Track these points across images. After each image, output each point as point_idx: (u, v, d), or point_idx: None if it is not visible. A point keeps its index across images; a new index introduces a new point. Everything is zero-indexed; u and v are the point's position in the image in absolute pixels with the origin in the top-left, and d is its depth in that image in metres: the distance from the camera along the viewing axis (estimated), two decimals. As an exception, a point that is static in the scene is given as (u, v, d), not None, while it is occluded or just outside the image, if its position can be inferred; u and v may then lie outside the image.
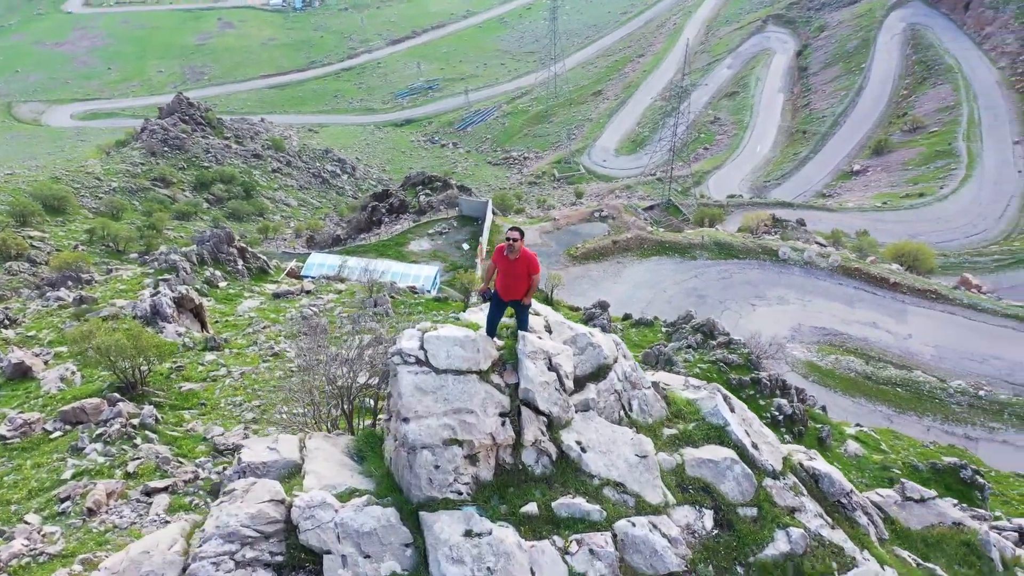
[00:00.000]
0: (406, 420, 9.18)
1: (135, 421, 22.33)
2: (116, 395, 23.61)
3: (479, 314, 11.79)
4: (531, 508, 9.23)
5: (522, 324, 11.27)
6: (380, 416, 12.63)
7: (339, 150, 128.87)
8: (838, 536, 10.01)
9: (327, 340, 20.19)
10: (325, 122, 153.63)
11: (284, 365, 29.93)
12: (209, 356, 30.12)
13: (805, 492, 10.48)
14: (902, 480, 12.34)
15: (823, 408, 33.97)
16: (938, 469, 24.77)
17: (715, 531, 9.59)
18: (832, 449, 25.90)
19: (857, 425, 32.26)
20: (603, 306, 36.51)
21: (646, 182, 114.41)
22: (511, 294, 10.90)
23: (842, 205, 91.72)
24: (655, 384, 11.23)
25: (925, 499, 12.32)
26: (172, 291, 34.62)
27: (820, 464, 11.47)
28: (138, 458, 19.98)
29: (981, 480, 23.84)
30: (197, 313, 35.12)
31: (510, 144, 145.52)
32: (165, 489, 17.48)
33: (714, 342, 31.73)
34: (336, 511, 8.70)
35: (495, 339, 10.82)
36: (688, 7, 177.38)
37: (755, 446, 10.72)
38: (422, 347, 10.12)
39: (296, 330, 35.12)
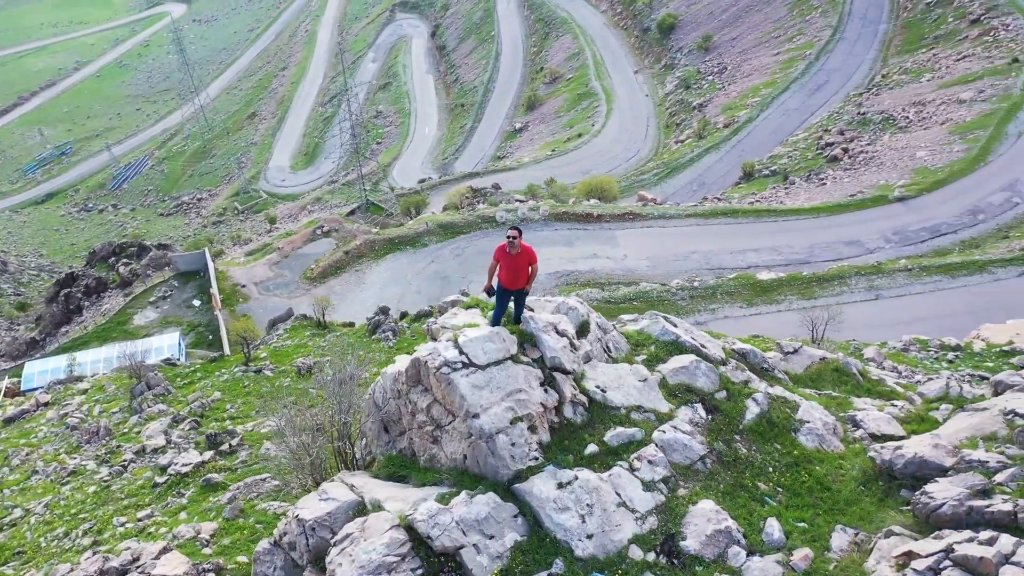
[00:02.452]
0: (476, 416, 10.30)
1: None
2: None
3: (464, 316, 12.81)
4: (592, 448, 10.97)
5: (520, 309, 12.65)
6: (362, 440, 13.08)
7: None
8: (777, 390, 12.91)
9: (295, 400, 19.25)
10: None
11: (94, 478, 27.46)
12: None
13: (745, 367, 13.25)
14: (778, 341, 15.61)
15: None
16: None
17: (708, 417, 11.89)
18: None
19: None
20: (384, 311, 37.54)
21: (335, 190, 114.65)
22: (516, 284, 12.28)
23: (520, 162, 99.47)
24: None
25: (796, 350, 15.82)
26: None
27: (740, 344, 14.40)
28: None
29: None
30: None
31: (177, 190, 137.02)
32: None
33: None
34: (450, 512, 9.56)
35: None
36: (313, 11, 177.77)
37: (703, 346, 13.25)
38: (462, 352, 11.16)
39: (76, 441, 32.03)
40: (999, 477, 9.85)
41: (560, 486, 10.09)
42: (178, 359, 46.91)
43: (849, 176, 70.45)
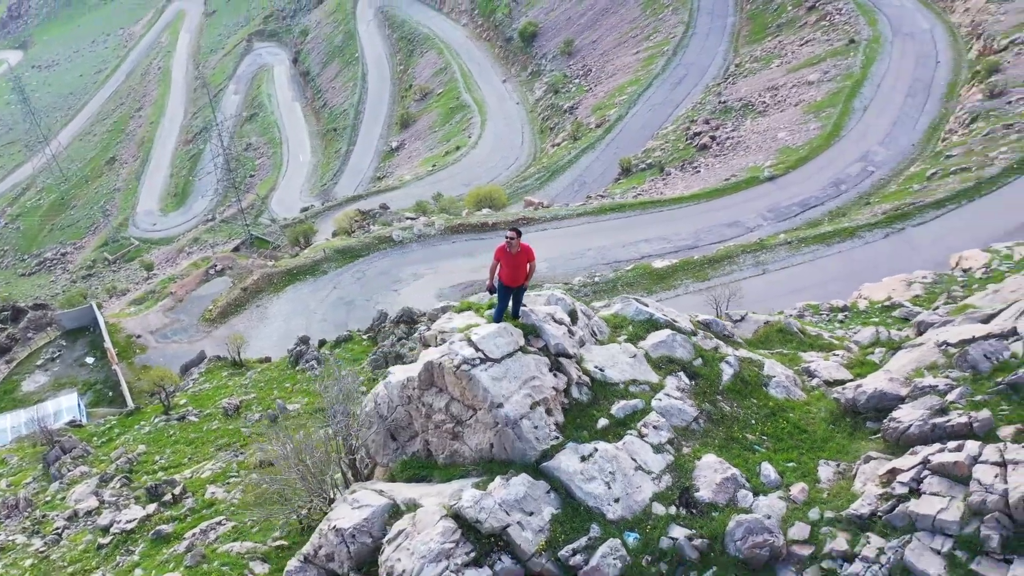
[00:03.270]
0: (500, 405, 11.00)
1: None
2: None
3: (459, 319, 13.36)
4: (603, 422, 11.92)
5: (519, 305, 13.39)
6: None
7: None
8: (742, 353, 14.19)
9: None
10: None
11: (27, 551, 26.24)
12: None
13: (712, 335, 14.46)
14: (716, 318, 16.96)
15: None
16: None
17: (692, 383, 12.98)
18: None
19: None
20: (305, 340, 37.26)
21: (213, 228, 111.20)
22: (516, 281, 13.07)
23: (402, 180, 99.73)
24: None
25: (743, 317, 17.25)
26: None
27: (704, 316, 15.62)
28: None
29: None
30: None
31: (37, 246, 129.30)
32: None
33: (422, 324, 34.82)
34: (491, 496, 10.13)
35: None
36: (164, 47, 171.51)
37: (675, 320, 14.36)
38: (477, 349, 11.79)
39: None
40: (950, 396, 11.41)
41: (583, 459, 10.99)
42: (81, 420, 44.78)
43: (720, 162, 74.62)
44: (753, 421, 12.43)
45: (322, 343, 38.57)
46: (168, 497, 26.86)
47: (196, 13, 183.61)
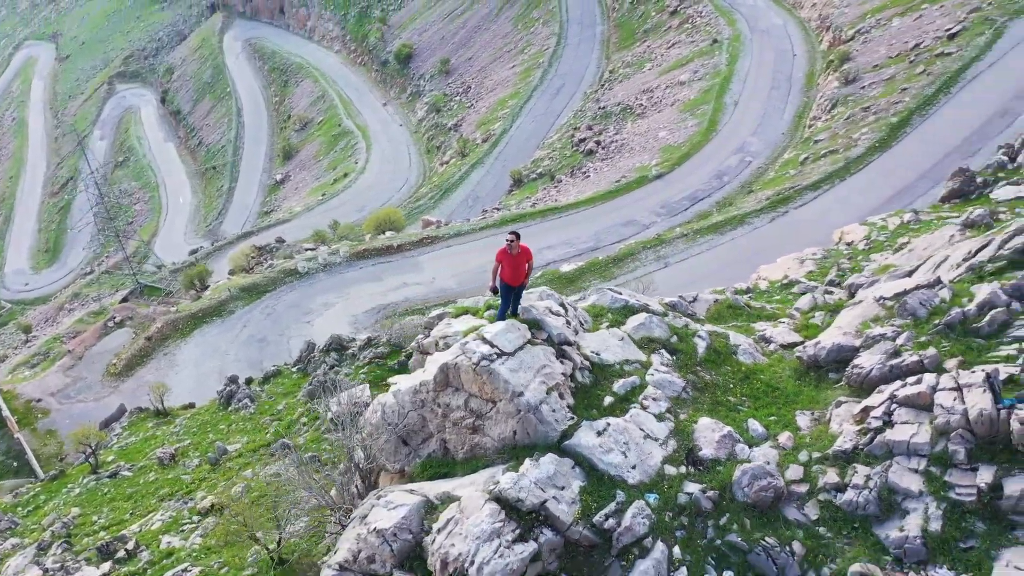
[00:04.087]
0: (520, 394, 11.81)
1: None
2: None
3: (458, 324, 14.00)
4: (608, 400, 12.93)
5: (518, 302, 14.19)
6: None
7: None
8: (708, 327, 15.47)
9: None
10: None
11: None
12: None
13: (680, 315, 15.66)
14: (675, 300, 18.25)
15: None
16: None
17: (673, 357, 14.10)
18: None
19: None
20: (234, 379, 36.68)
21: (95, 280, 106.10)
22: (517, 280, 13.92)
23: (292, 212, 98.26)
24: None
25: (696, 297, 18.62)
26: None
27: (669, 298, 16.86)
28: None
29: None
30: None
31: None
32: None
33: (352, 350, 34.98)
34: (526, 476, 10.85)
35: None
36: (16, 96, 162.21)
37: (647, 305, 15.47)
38: (492, 346, 12.51)
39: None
40: (899, 340, 13.03)
41: (598, 434, 11.94)
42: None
43: (608, 165, 77.53)
44: (731, 385, 13.76)
45: (249, 381, 38.06)
46: (122, 553, 26.15)
47: (48, 59, 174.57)
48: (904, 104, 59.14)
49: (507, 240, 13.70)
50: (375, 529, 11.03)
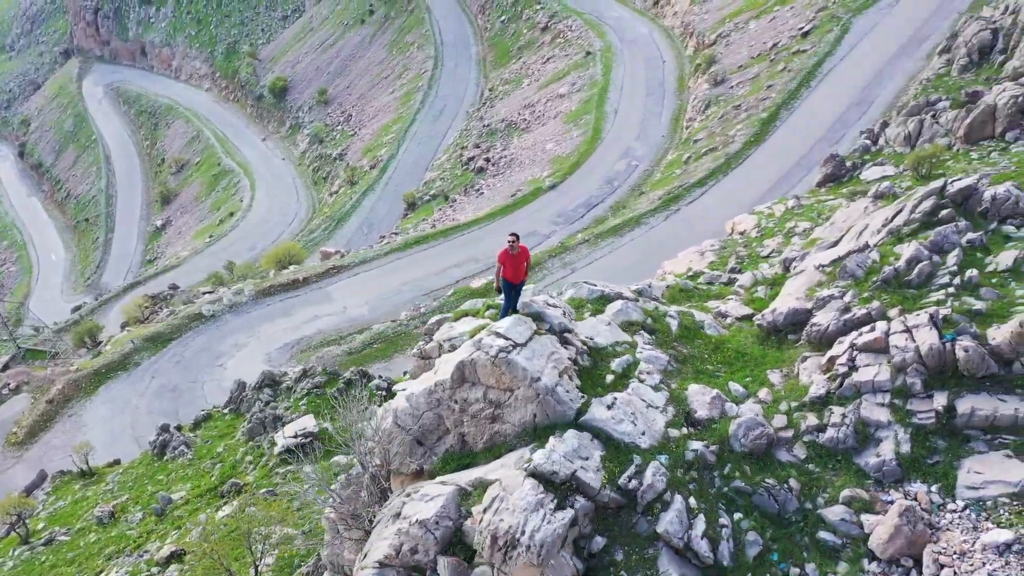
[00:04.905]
0: (538, 379, 12.85)
1: None
2: None
3: (461, 326, 14.74)
4: (609, 377, 14.09)
5: (518, 298, 15.16)
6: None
7: None
8: (675, 307, 16.86)
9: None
10: None
11: None
12: None
13: (648, 299, 17.00)
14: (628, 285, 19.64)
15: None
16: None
17: (652, 336, 15.36)
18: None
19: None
20: (166, 428, 35.75)
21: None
22: (518, 278, 15.01)
23: (180, 257, 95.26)
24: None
25: (651, 284, 20.08)
26: None
27: (637, 284, 18.15)
28: None
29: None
30: None
31: None
32: None
33: (286, 383, 34.94)
34: (555, 451, 11.96)
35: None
36: None
37: (621, 293, 16.70)
38: (507, 339, 13.43)
39: None
40: (846, 299, 14.84)
41: (608, 408, 13.10)
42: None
43: (500, 181, 79.32)
44: (706, 356, 15.22)
45: (179, 427, 37.25)
46: (83, 615, 25.38)
47: None
48: (771, 100, 63.70)
49: (508, 241, 14.75)
50: (417, 521, 11.74)
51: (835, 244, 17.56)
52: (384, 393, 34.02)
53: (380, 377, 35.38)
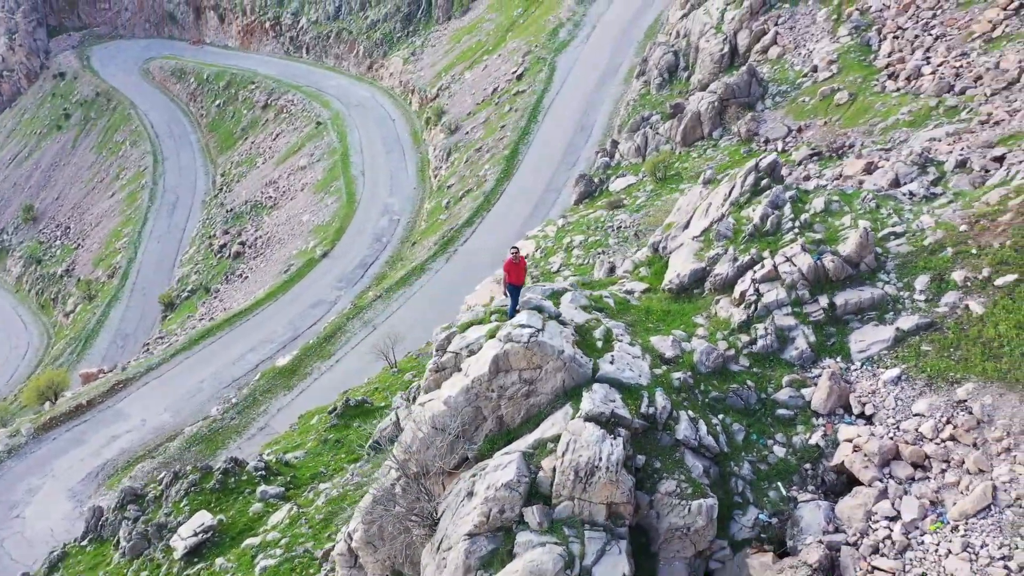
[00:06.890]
0: (562, 351, 15.67)
1: None
2: None
3: (474, 332, 17.10)
4: (599, 343, 17.16)
5: (519, 297, 17.81)
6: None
7: None
8: (603, 291, 20.61)
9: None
10: None
11: None
12: None
13: (578, 288, 20.47)
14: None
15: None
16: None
17: (602, 312, 18.68)
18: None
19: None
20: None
21: None
22: (520, 281, 17.97)
23: None
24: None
25: (565, 287, 23.46)
26: None
27: (562, 281, 21.44)
28: None
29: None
30: None
31: None
32: None
33: (152, 495, 33.81)
34: (594, 398, 15.12)
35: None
36: None
37: (564, 287, 19.73)
38: (531, 326, 16.14)
39: None
40: (730, 253, 19.61)
41: (611, 363, 16.07)
42: None
43: (263, 261, 78.79)
44: (642, 319, 18.98)
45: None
46: None
47: None
48: (508, 138, 70.82)
49: (511, 253, 17.74)
50: (503, 484, 14.03)
51: (687, 225, 22.53)
52: (263, 473, 34.38)
53: (259, 458, 35.29)
